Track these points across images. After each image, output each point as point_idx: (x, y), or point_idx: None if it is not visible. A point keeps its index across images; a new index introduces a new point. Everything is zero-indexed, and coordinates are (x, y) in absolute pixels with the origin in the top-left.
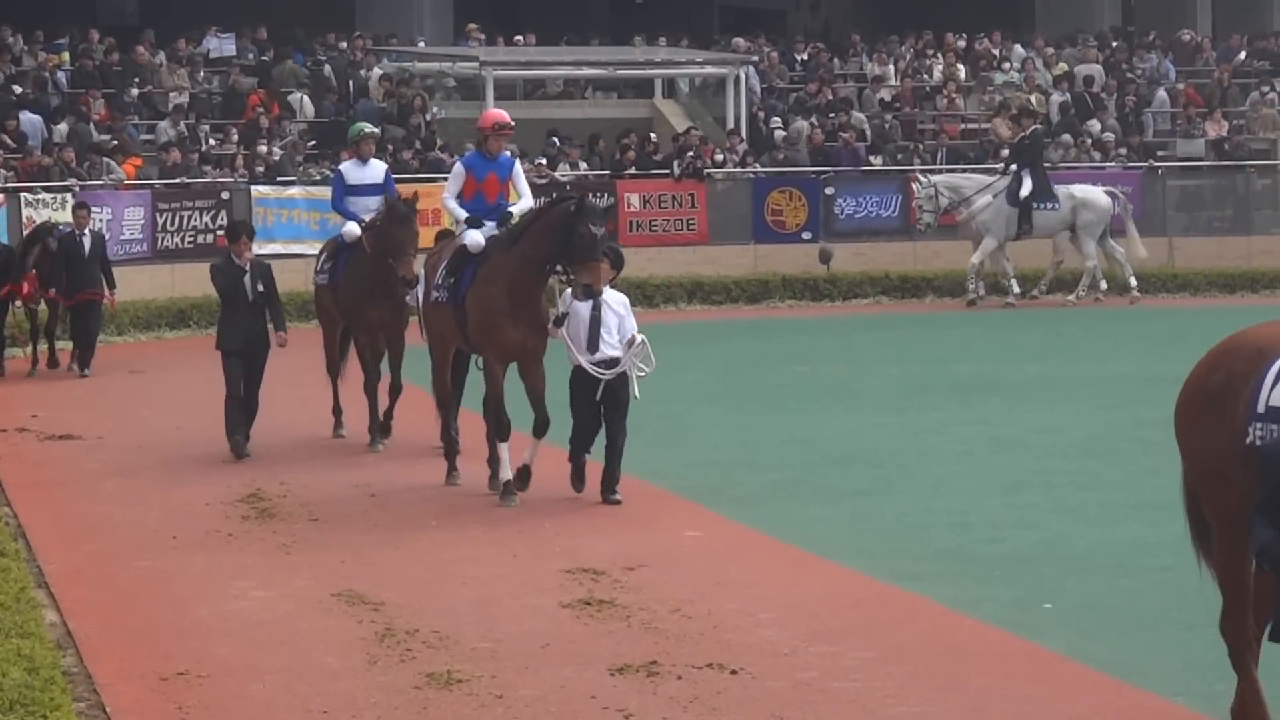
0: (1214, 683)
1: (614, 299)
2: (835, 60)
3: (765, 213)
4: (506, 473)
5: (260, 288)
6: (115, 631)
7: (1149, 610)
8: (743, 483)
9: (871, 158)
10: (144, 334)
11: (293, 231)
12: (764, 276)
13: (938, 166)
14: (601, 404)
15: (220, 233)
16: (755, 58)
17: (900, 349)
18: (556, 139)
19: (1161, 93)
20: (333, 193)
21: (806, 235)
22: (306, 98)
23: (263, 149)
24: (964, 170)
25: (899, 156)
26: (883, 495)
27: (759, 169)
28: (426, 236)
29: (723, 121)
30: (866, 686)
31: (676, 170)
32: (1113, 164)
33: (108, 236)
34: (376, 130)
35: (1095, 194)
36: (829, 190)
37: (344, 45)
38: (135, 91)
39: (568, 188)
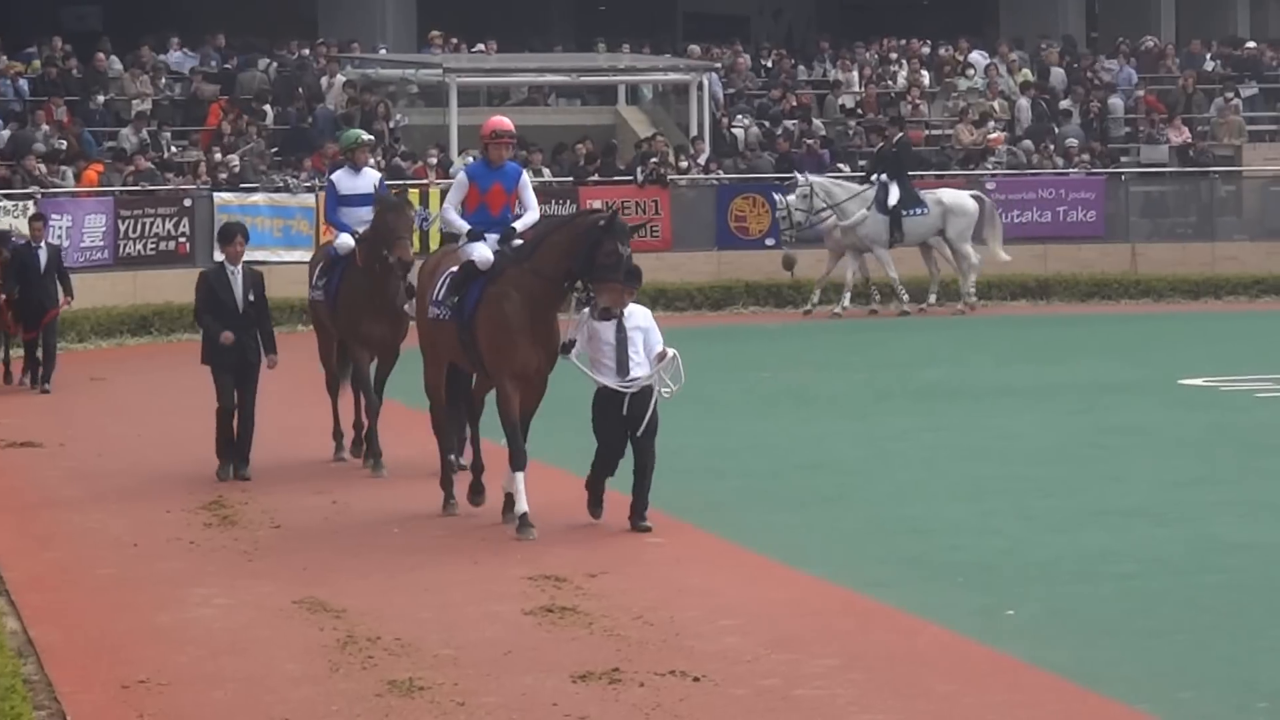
0: (1177, 690)
1: (637, 314)
2: (799, 66)
3: (729, 219)
4: (523, 504)
5: (251, 298)
6: (76, 639)
7: (1112, 617)
8: (705, 489)
9: (841, 166)
10: (105, 341)
11: (255, 239)
12: (728, 283)
13: (913, 172)
14: (628, 426)
15: (183, 240)
16: (718, 64)
17: (864, 355)
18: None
19: (1122, 99)
20: (325, 204)
21: (770, 242)
22: (268, 106)
23: (230, 158)
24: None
25: (861, 163)
26: (845, 502)
27: (722, 175)
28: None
29: (686, 128)
30: (829, 694)
31: (640, 177)
32: (1076, 170)
33: (67, 244)
34: (370, 137)
35: (963, 198)
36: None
37: (307, 52)
38: (101, 99)
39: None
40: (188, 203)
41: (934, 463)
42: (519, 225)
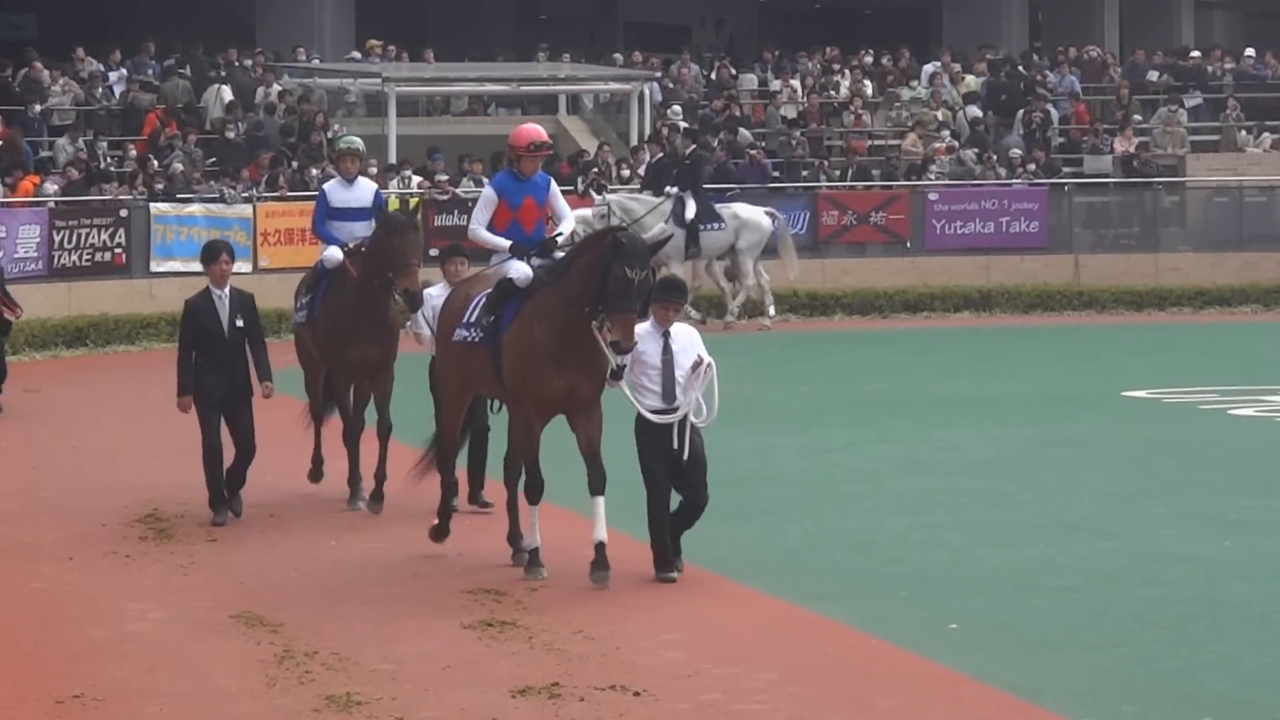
0: (1121, 703)
1: (682, 336)
2: (740, 77)
3: None
4: (535, 539)
5: (240, 322)
6: (10, 653)
7: (1055, 630)
8: (646, 502)
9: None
10: (40, 353)
11: (192, 249)
12: None
13: (850, 183)
14: (676, 459)
15: (119, 250)
16: (659, 74)
17: (807, 367)
18: (439, 155)
19: (1058, 110)
20: (314, 215)
21: None
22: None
23: (175, 167)
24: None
25: (803, 173)
26: (787, 515)
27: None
28: None
29: (626, 138)
30: (770, 708)
31: (581, 187)
32: (1019, 181)
33: (0, 255)
34: (360, 145)
35: (757, 215)
36: None
37: (248, 62)
38: (39, 107)
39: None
40: (124, 213)
41: (876, 475)
42: (560, 236)
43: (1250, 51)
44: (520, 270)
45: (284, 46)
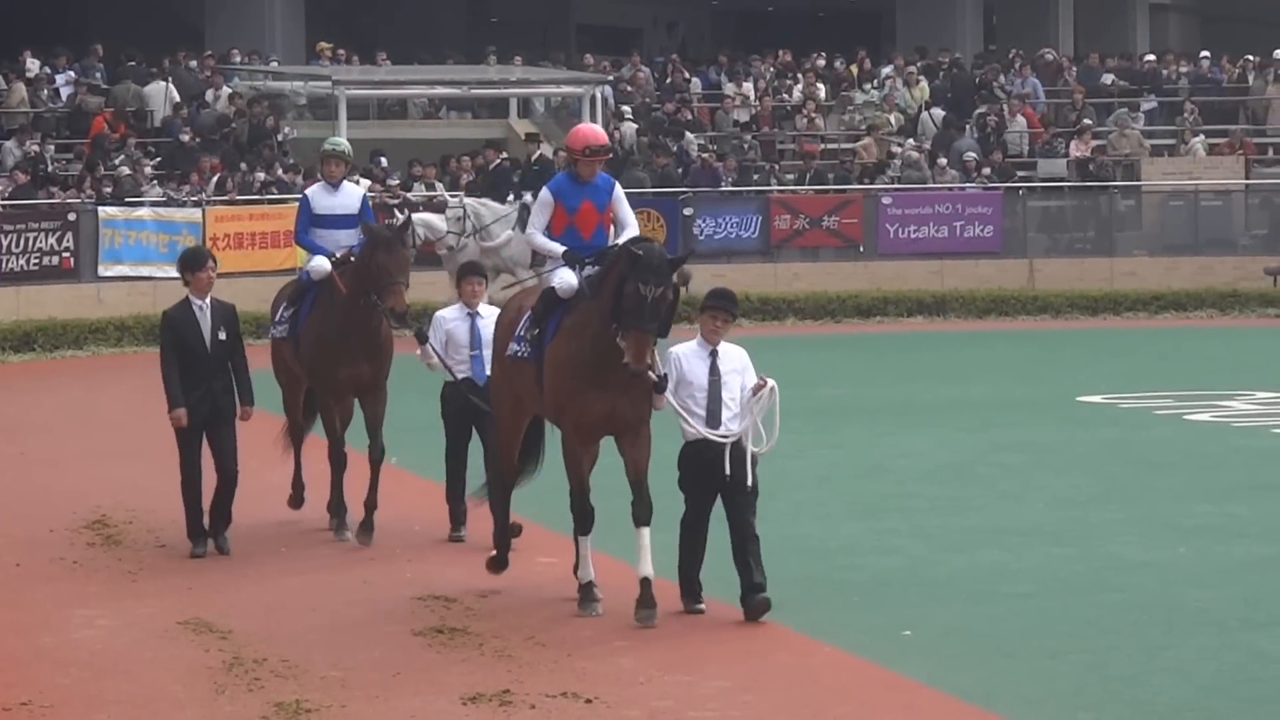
0: (1076, 710)
1: (731, 355)
2: (693, 80)
3: None
4: (588, 572)
5: (222, 335)
6: None
7: (1010, 637)
8: (597, 508)
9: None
10: None
11: (140, 253)
12: None
13: (805, 187)
14: (722, 489)
15: (67, 254)
16: (611, 76)
17: (759, 372)
18: (383, 158)
19: (1020, 114)
20: (296, 222)
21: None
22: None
23: (122, 170)
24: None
25: (755, 177)
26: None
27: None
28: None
29: None
30: (723, 716)
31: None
32: (974, 185)
33: None
34: (345, 146)
35: None
36: (688, 211)
37: (194, 64)
38: None
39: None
40: (72, 216)
41: (830, 481)
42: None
43: (1205, 55)
44: (564, 280)
45: (233, 49)
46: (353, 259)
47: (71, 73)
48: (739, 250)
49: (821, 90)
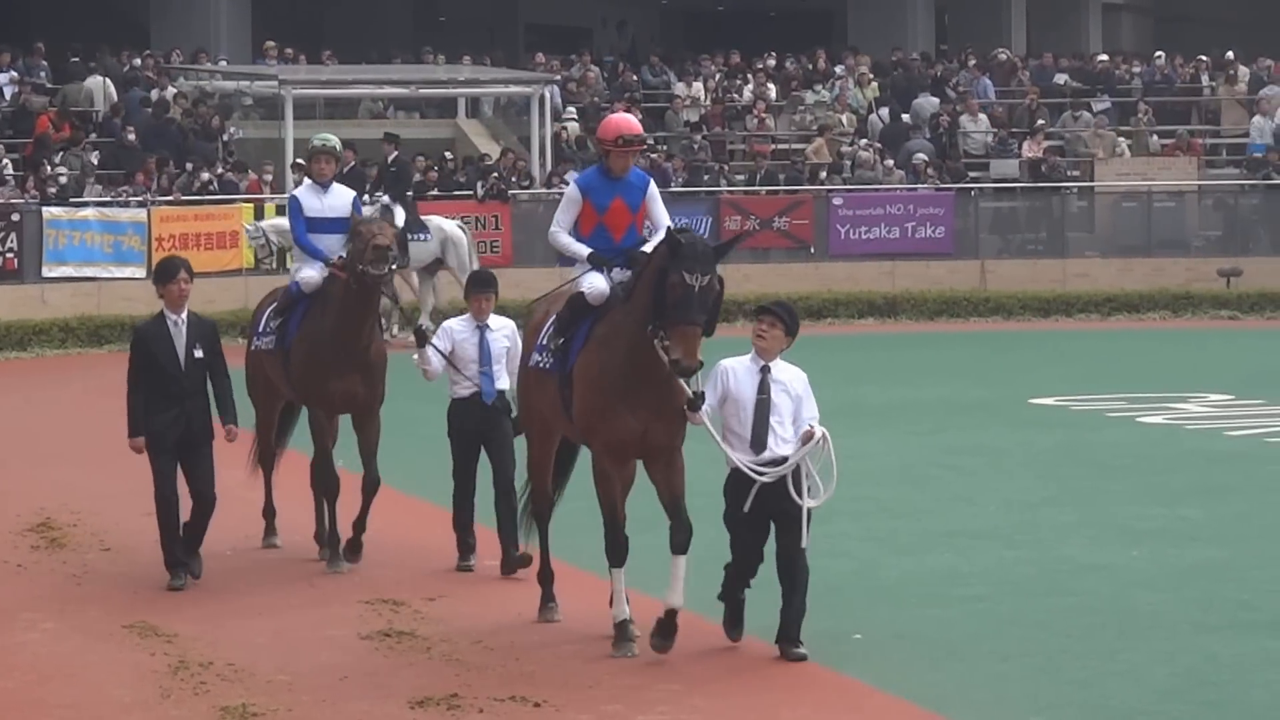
0: (1028, 714)
1: (788, 376)
2: (640, 79)
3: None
4: (623, 608)
5: (199, 353)
6: None
7: (961, 641)
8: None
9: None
10: None
11: (84, 254)
12: None
13: (756, 187)
14: (772, 520)
15: (10, 255)
16: (559, 76)
17: (707, 373)
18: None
19: (981, 115)
20: (293, 226)
21: None
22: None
23: (62, 171)
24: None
25: (705, 177)
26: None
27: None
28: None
29: (527, 141)
30: (673, 719)
31: (480, 191)
32: (925, 186)
33: None
34: (336, 142)
35: (455, 227)
36: None
37: (137, 62)
38: None
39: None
40: (15, 217)
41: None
42: (649, 248)
43: (1159, 55)
44: (594, 284)
45: (179, 48)
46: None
47: (14, 72)
48: None
49: (772, 90)
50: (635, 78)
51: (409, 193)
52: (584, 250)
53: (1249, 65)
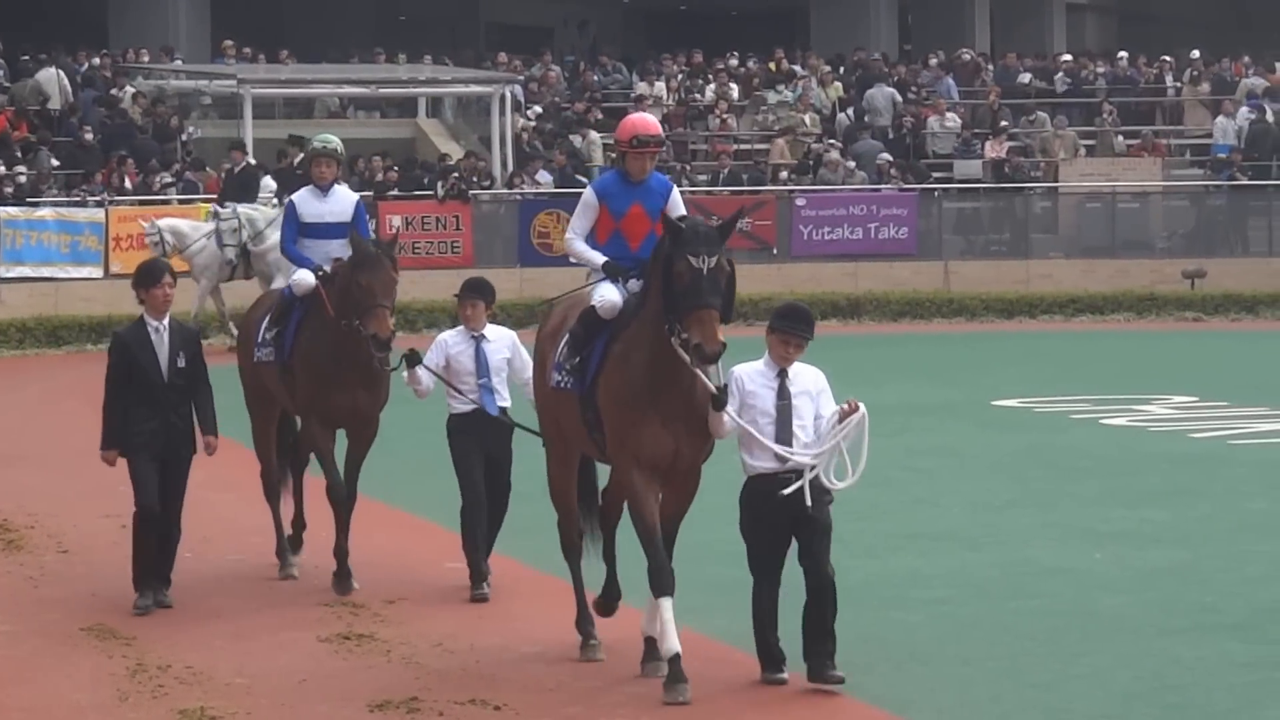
0: (990, 718)
1: (804, 376)
2: (601, 78)
3: (532, 235)
4: (673, 641)
5: (182, 362)
6: None
7: (924, 643)
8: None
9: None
10: None
11: (42, 254)
12: (530, 301)
13: (716, 188)
14: (797, 531)
15: None
16: (521, 76)
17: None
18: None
19: (950, 115)
20: (282, 232)
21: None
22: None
23: (21, 171)
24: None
25: (667, 177)
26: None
27: (526, 190)
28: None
29: (488, 141)
30: None
31: (440, 191)
32: (888, 186)
33: None
34: (338, 144)
35: None
36: None
37: (96, 62)
38: None
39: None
40: None
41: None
42: None
43: (1123, 55)
44: (605, 297)
45: (137, 47)
46: (339, 273)
47: None
48: None
49: (734, 90)
50: (596, 78)
51: (255, 199)
52: (599, 259)
53: (1213, 65)
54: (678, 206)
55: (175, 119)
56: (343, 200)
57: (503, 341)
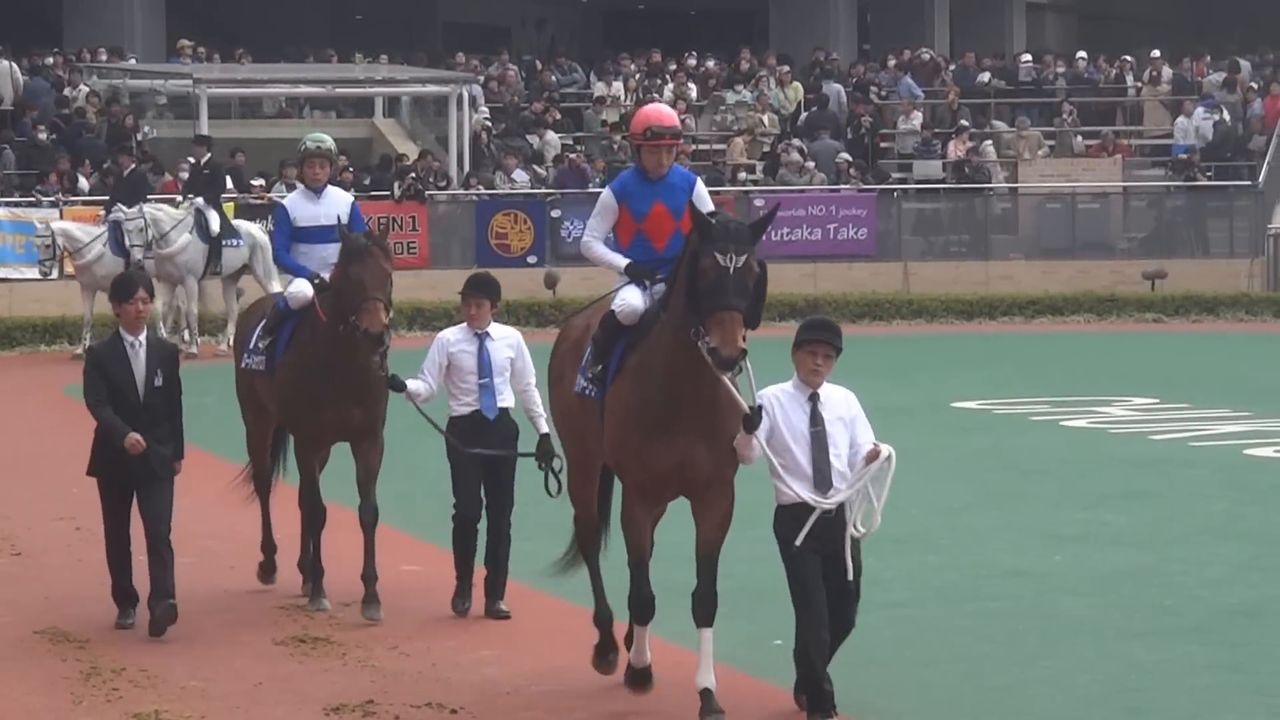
0: None
1: (836, 400)
2: (557, 79)
3: (489, 236)
4: (643, 657)
5: (159, 381)
6: None
7: (883, 646)
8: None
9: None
10: None
11: None
12: None
13: None
14: (821, 559)
15: None
16: (480, 76)
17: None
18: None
19: (916, 114)
20: (274, 238)
21: (532, 259)
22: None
23: None
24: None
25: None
26: (609, 529)
27: (483, 191)
28: None
29: (445, 141)
30: None
31: (397, 191)
32: (847, 187)
33: None
34: (330, 143)
35: (263, 235)
36: (555, 213)
37: (49, 60)
38: None
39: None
40: None
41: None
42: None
43: (1082, 55)
44: (627, 302)
45: (92, 46)
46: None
47: None
48: None
49: (692, 90)
50: (554, 78)
51: (221, 195)
52: (620, 261)
53: (1172, 65)
54: (703, 200)
55: (130, 118)
56: (337, 202)
57: (507, 341)
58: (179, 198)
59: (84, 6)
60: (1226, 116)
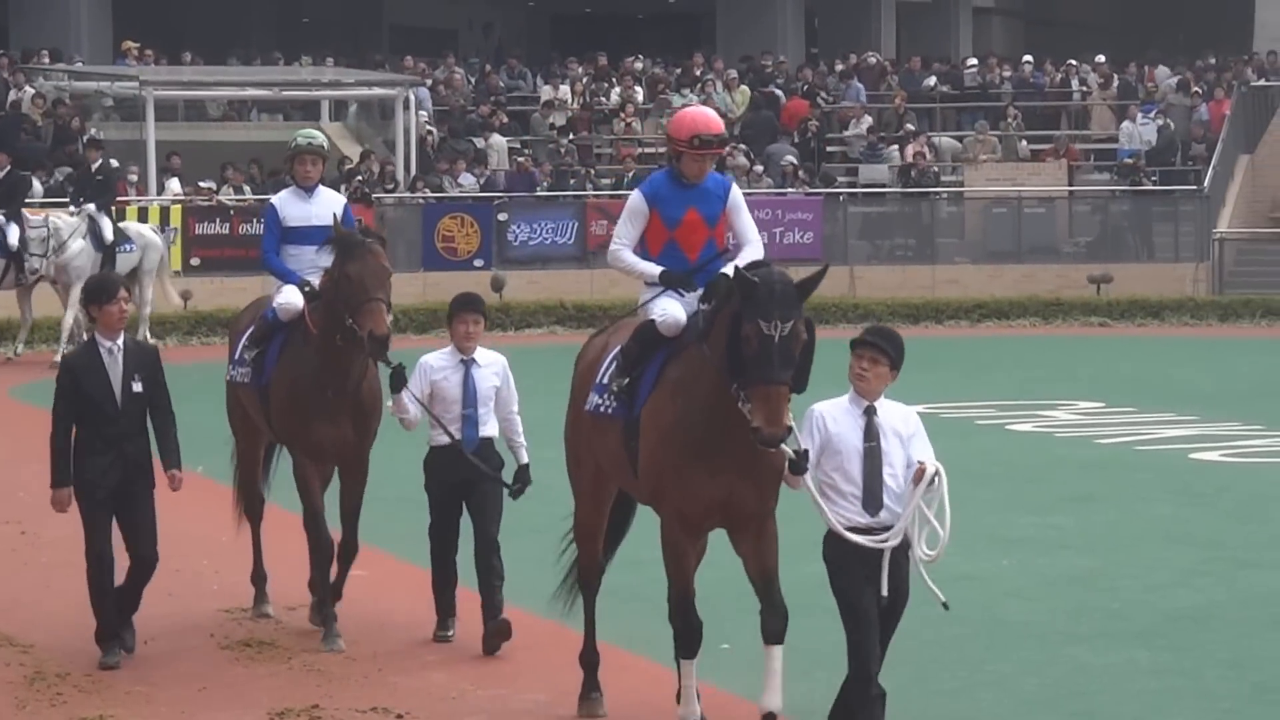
0: None
1: (893, 415)
2: (504, 82)
3: (436, 239)
4: (694, 708)
5: (138, 386)
6: None
7: (830, 651)
8: (409, 518)
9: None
10: None
11: None
12: (434, 305)
13: (620, 192)
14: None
15: None
16: (428, 79)
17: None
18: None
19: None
20: (263, 242)
21: (479, 263)
22: None
23: None
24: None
25: (571, 182)
26: (557, 532)
27: (429, 194)
28: None
29: (391, 144)
30: None
31: (343, 194)
32: (793, 190)
33: None
34: (322, 140)
35: (152, 235)
36: (503, 217)
37: None
38: None
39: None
40: None
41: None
42: (734, 269)
43: (1028, 60)
44: (667, 311)
45: (38, 47)
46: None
47: None
48: (555, 256)
49: (639, 93)
50: (501, 81)
51: (114, 201)
52: (653, 270)
53: (1118, 70)
54: (739, 209)
55: (76, 120)
56: (329, 202)
57: (493, 368)
58: (71, 205)
59: (29, 8)
60: (1170, 122)
